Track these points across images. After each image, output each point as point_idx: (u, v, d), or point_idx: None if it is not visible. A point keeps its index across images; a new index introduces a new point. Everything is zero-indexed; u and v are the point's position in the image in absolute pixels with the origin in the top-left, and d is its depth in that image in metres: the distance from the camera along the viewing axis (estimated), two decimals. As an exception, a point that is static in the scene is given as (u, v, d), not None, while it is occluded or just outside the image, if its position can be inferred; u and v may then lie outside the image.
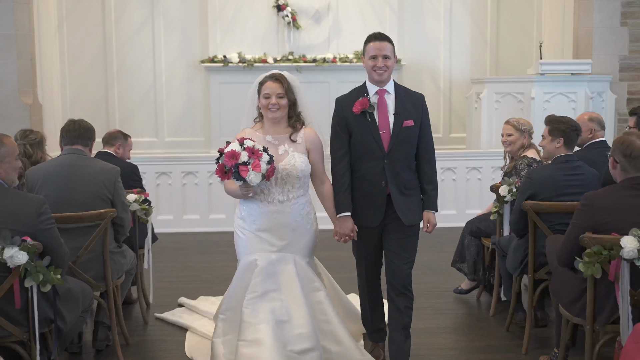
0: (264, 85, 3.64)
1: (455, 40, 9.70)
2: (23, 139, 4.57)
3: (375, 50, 3.62)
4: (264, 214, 3.65)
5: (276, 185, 3.65)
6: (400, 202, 3.62)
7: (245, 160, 3.38)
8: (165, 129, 9.61)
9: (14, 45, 7.83)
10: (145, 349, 4.32)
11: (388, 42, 3.66)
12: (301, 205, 3.71)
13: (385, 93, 3.66)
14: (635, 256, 3.02)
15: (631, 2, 8.07)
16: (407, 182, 3.65)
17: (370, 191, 3.64)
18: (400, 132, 3.59)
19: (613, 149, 3.25)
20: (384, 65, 3.61)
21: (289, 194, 3.68)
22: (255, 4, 9.31)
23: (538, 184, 4.06)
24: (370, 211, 3.67)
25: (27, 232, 3.09)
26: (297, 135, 3.68)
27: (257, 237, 3.67)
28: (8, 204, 3.12)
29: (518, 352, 4.14)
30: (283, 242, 3.67)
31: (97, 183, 3.97)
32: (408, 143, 3.63)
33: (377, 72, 3.61)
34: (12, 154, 3.29)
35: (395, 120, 3.60)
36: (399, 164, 3.62)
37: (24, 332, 3.16)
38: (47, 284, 3.12)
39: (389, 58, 3.63)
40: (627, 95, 8.18)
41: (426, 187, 3.71)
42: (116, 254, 4.07)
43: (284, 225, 3.67)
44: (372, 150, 3.60)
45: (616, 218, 3.13)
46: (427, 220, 3.71)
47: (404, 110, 3.62)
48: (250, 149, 3.41)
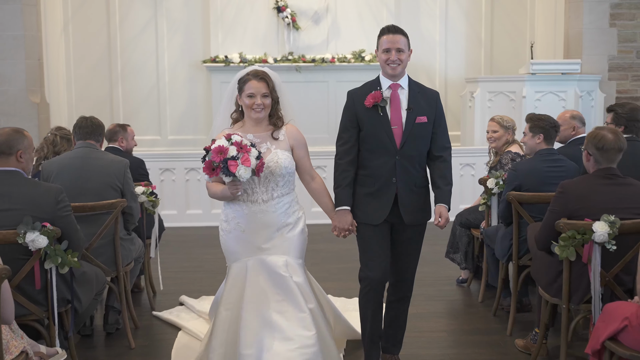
0: (248, 84, 3.47)
1: (451, 41, 9.97)
2: (57, 131, 4.88)
3: (389, 43, 3.49)
4: (248, 215, 3.50)
5: (260, 185, 3.50)
6: (406, 201, 3.52)
7: (234, 155, 3.26)
8: (168, 127, 9.87)
9: (22, 46, 8.10)
10: (153, 332, 4.58)
11: (402, 35, 3.54)
12: (286, 204, 3.55)
13: (399, 88, 3.55)
14: (606, 240, 3.29)
15: (619, 4, 8.33)
16: (417, 180, 3.56)
17: (380, 188, 3.52)
18: (413, 128, 3.49)
19: (586, 142, 3.51)
20: (397, 59, 3.49)
21: (273, 193, 3.52)
22: (256, 5, 9.55)
23: (523, 176, 4.33)
24: (376, 208, 3.55)
25: (47, 218, 3.36)
26: (279, 132, 3.55)
27: (243, 240, 3.53)
28: (29, 193, 3.38)
29: (503, 334, 4.41)
30: (269, 244, 3.51)
31: (108, 174, 4.24)
32: (420, 140, 3.53)
33: (391, 66, 3.49)
34: (31, 147, 3.55)
35: (408, 115, 3.50)
36: (410, 160, 3.52)
37: (43, 311, 3.43)
38: (65, 267, 3.39)
39: (403, 51, 3.50)
40: (615, 94, 8.43)
41: (439, 181, 3.58)
42: (126, 241, 4.34)
43: (269, 225, 3.52)
44: (383, 145, 3.49)
45: (589, 205, 3.40)
46: (439, 213, 3.54)
47: (417, 106, 3.52)
48: (238, 144, 3.28)
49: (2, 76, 8.09)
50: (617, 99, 8.40)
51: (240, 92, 3.52)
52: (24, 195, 3.36)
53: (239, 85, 3.52)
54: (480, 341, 4.32)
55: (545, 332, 3.87)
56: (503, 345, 4.25)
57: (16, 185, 3.37)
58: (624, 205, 3.36)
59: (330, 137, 8.85)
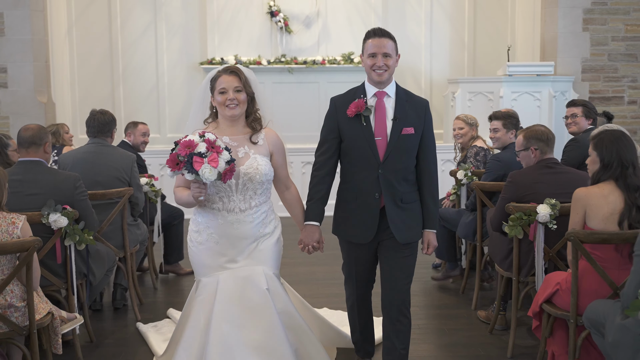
0: (219, 80, 3.26)
1: (436, 44, 10.50)
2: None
3: (375, 48, 3.25)
4: (224, 225, 3.25)
5: (237, 192, 3.25)
6: (395, 217, 3.27)
7: (201, 152, 2.97)
8: (167, 126, 10.37)
9: (30, 49, 8.61)
10: (156, 308, 5.10)
11: (389, 38, 3.29)
12: (263, 214, 3.33)
13: (385, 96, 3.31)
14: (548, 220, 3.82)
15: (592, 10, 8.87)
16: (404, 195, 3.30)
17: (362, 204, 3.29)
18: (398, 139, 3.24)
19: (528, 140, 4.05)
20: (384, 65, 3.25)
21: (251, 202, 3.28)
22: (251, 10, 10.04)
23: (507, 166, 4.81)
24: (361, 226, 3.31)
25: (66, 201, 3.89)
26: (257, 136, 3.32)
27: (217, 252, 3.28)
28: (51, 179, 3.91)
29: (468, 308, 4.95)
30: (244, 255, 3.29)
31: (116, 168, 4.77)
32: (406, 152, 3.27)
33: (377, 72, 3.25)
34: (51, 141, 4.08)
35: (394, 126, 3.25)
36: (395, 174, 3.26)
37: (63, 282, 3.95)
38: (82, 244, 3.92)
39: (390, 56, 3.26)
40: (588, 94, 8.97)
41: (427, 201, 3.35)
42: (132, 226, 4.87)
43: (246, 236, 3.28)
44: (365, 158, 3.25)
45: (534, 191, 3.94)
46: (427, 241, 3.38)
47: (404, 115, 3.27)
48: (210, 142, 3.01)
49: (12, 77, 8.60)
50: (590, 98, 8.93)
51: (212, 91, 3.30)
52: (47, 181, 3.89)
53: (211, 85, 3.30)
54: (447, 314, 4.87)
55: (501, 304, 4.42)
56: (467, 317, 4.80)
57: (41, 173, 3.90)
58: (563, 191, 3.90)
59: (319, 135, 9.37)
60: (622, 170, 3.35)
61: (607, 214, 3.33)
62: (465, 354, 4.14)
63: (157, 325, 4.54)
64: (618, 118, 8.76)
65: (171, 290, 5.54)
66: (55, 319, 3.49)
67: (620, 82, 8.99)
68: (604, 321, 2.95)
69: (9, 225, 3.31)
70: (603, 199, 3.35)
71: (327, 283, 5.57)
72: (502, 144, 5.12)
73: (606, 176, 3.38)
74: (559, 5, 8.84)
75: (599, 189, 3.38)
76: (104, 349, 4.30)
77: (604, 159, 3.38)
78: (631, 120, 8.99)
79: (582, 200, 3.39)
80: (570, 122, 5.36)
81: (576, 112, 5.30)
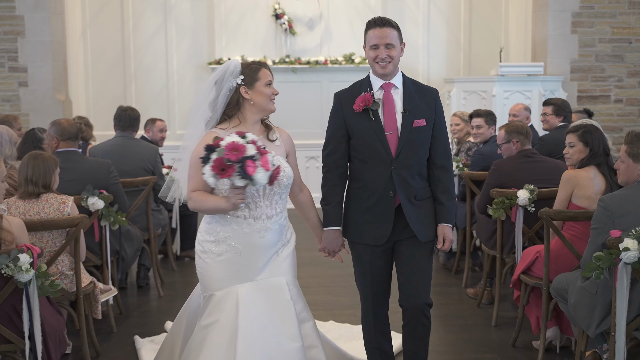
0: (263, 71, 3.05)
1: (433, 45, 10.98)
2: (80, 120, 6.01)
3: (376, 39, 3.05)
4: (249, 234, 2.97)
5: (264, 198, 2.99)
6: (412, 215, 3.08)
7: (252, 155, 2.71)
8: (177, 123, 10.85)
9: (50, 50, 9.11)
10: (175, 287, 5.63)
11: (392, 27, 3.09)
12: (285, 219, 3.13)
13: (392, 87, 3.12)
14: (527, 203, 4.33)
15: (580, 14, 9.37)
16: (418, 192, 3.11)
17: (376, 203, 3.09)
18: (410, 133, 3.06)
19: (509, 134, 4.59)
20: (387, 56, 3.05)
21: (277, 207, 3.04)
22: (256, 13, 10.50)
23: (488, 158, 5.27)
24: (375, 227, 3.12)
25: (102, 186, 4.40)
26: (273, 134, 3.11)
27: (237, 264, 2.99)
28: (88, 167, 4.44)
29: (459, 286, 5.47)
30: (268, 265, 3.05)
31: (141, 159, 5.30)
32: (419, 146, 3.09)
33: (380, 65, 3.06)
34: None
35: (404, 119, 3.07)
36: (408, 170, 3.08)
37: (99, 258, 4.47)
38: (116, 224, 4.43)
39: (394, 47, 3.06)
40: (577, 93, 9.48)
41: (441, 196, 3.14)
42: (155, 211, 5.40)
43: (271, 245, 3.04)
44: (377, 154, 3.06)
45: (515, 178, 4.47)
46: (443, 234, 3.14)
47: (414, 107, 3.08)
48: (255, 143, 2.76)
49: (32, 77, 9.11)
50: (578, 97, 9.46)
51: (252, 82, 3.01)
52: (84, 168, 4.42)
53: (250, 76, 3.02)
54: (440, 291, 5.38)
55: (487, 280, 4.93)
56: (458, 294, 5.32)
57: (78, 162, 4.42)
58: (540, 178, 4.43)
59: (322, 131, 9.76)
60: (604, 157, 3.88)
61: (592, 194, 3.86)
62: (454, 323, 4.66)
63: (154, 339, 4.26)
64: (605, 116, 9.30)
65: (187, 271, 6.08)
66: (96, 287, 4.01)
67: (607, 81, 9.49)
68: (567, 287, 3.47)
69: (60, 204, 3.83)
70: (590, 181, 3.88)
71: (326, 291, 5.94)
72: (483, 138, 5.66)
73: (593, 162, 3.90)
74: (549, 9, 9.35)
75: (586, 172, 3.91)
76: (132, 320, 4.82)
77: (593, 148, 3.90)
78: (617, 117, 9.50)
79: (572, 181, 3.91)
80: (543, 120, 5.85)
81: (547, 111, 5.78)
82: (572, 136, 4.00)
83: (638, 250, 2.96)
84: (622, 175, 3.38)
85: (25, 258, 2.94)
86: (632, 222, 3.12)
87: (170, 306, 5.09)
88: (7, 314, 2.97)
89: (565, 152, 4.06)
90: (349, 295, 5.13)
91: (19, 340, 3.09)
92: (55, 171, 3.82)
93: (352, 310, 4.76)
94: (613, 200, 3.22)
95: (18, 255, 2.94)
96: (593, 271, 3.10)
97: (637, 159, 3.29)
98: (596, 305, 3.21)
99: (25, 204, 3.79)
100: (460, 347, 4.27)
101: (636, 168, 3.29)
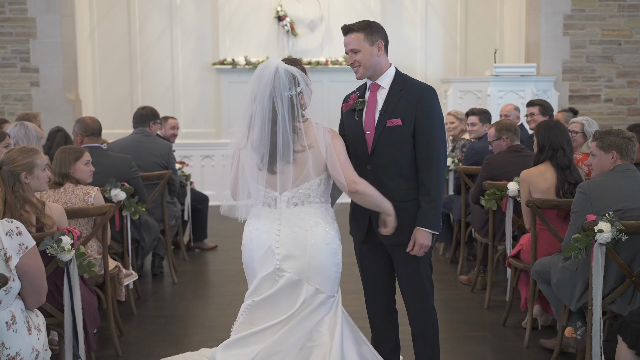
0: None
1: (430, 46, 11.33)
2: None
3: (345, 47, 3.15)
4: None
5: None
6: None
7: None
8: (182, 122, 11.15)
9: (60, 51, 9.45)
10: (187, 275, 5.98)
11: (354, 32, 3.10)
12: None
13: (378, 88, 3.16)
14: (516, 194, 4.69)
15: (571, 16, 9.74)
16: (397, 193, 3.06)
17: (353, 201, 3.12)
18: (382, 132, 3.07)
19: (499, 131, 4.96)
20: (354, 61, 3.10)
21: None
22: (259, 14, 10.83)
23: (480, 153, 5.65)
24: (355, 223, 3.23)
25: (124, 178, 4.75)
26: None
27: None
28: (110, 162, 4.79)
29: (455, 274, 5.84)
30: None
31: (156, 155, 5.65)
32: (394, 145, 3.07)
33: (354, 70, 3.14)
34: None
35: (379, 118, 3.09)
36: (384, 169, 3.08)
37: (120, 246, 4.82)
38: (136, 214, 4.78)
39: (359, 51, 3.07)
40: (569, 93, 9.84)
41: (420, 199, 3.07)
42: (170, 203, 5.76)
43: None
44: (357, 153, 3.13)
45: (505, 171, 4.83)
46: (413, 239, 3.06)
47: (392, 106, 3.08)
48: None
49: (43, 77, 9.45)
50: (570, 97, 9.83)
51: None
52: (107, 162, 4.77)
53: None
54: (436, 279, 5.64)
55: (481, 267, 5.30)
56: (453, 281, 5.68)
57: (101, 156, 4.77)
58: (529, 170, 4.79)
59: (324, 129, 10.23)
60: (553, 152, 4.22)
61: (544, 188, 4.22)
62: (450, 306, 5.02)
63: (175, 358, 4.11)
64: (595, 115, 9.65)
65: (198, 261, 6.45)
66: (121, 271, 4.36)
67: (597, 82, 9.86)
68: (549, 269, 3.83)
69: (85, 194, 4.18)
70: (541, 177, 4.24)
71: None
72: (477, 135, 6.03)
73: (542, 158, 4.25)
74: (541, 11, 9.71)
75: (537, 169, 4.28)
76: (150, 304, 5.18)
77: (539, 144, 4.27)
78: (607, 116, 9.87)
79: (525, 180, 4.30)
80: (530, 120, 6.20)
81: (534, 111, 6.14)
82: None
83: (611, 232, 3.33)
84: (596, 167, 3.72)
85: (67, 240, 3.29)
86: (608, 204, 3.50)
87: (183, 291, 5.47)
88: (50, 290, 3.30)
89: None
90: (352, 282, 5.49)
91: (60, 314, 3.44)
92: (75, 162, 4.16)
93: (355, 295, 5.11)
94: (590, 185, 3.60)
95: (61, 237, 3.29)
96: (572, 251, 3.47)
97: (607, 150, 3.65)
98: (577, 282, 3.59)
99: (55, 194, 4.15)
100: (455, 326, 4.64)
101: (608, 158, 3.66)
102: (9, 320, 2.78)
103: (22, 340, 2.82)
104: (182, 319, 4.85)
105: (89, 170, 4.23)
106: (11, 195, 3.35)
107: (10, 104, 9.41)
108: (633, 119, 9.66)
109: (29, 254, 2.82)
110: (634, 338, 3.08)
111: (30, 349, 2.85)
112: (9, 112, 9.33)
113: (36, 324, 2.96)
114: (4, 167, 3.37)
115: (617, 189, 3.54)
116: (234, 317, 3.11)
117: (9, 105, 9.41)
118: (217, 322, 4.74)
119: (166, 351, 4.23)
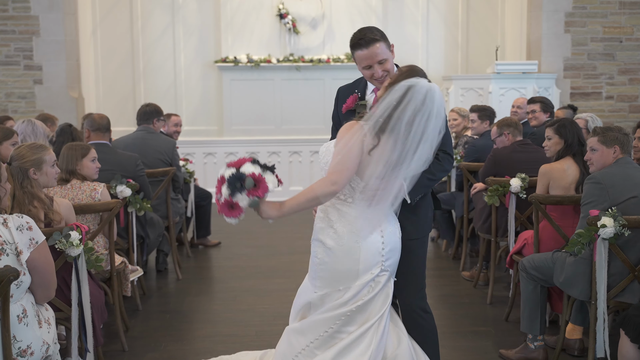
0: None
1: (431, 43, 11.36)
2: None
3: (368, 60, 3.04)
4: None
5: None
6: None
7: None
8: (185, 119, 11.15)
9: (64, 49, 9.48)
10: (191, 271, 6.02)
11: (378, 41, 3.02)
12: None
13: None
14: (519, 190, 4.72)
15: (572, 14, 9.76)
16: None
17: None
18: None
19: (500, 128, 5.01)
20: (383, 72, 3.04)
21: None
22: (261, 12, 10.85)
23: (480, 150, 5.73)
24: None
25: (129, 176, 4.79)
26: None
27: None
28: (117, 159, 4.83)
29: (457, 270, 5.87)
30: None
31: (160, 152, 5.68)
32: None
33: (379, 81, 3.06)
34: None
35: None
36: None
37: (125, 242, 4.85)
38: (142, 211, 4.81)
39: (387, 60, 3.02)
40: (570, 90, 9.87)
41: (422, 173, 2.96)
42: (174, 200, 5.79)
43: None
44: None
45: (508, 167, 4.86)
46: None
47: None
48: None
49: (46, 75, 9.48)
50: (571, 94, 9.86)
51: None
52: (113, 160, 4.80)
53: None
54: (439, 274, 5.78)
55: (483, 263, 5.33)
56: (456, 276, 5.72)
57: (108, 153, 4.80)
58: (532, 166, 4.81)
59: (325, 127, 10.25)
60: (579, 147, 4.27)
61: (567, 184, 4.23)
62: (453, 302, 5.06)
63: None
64: (596, 112, 9.67)
65: (201, 257, 6.49)
66: (127, 267, 4.39)
67: (598, 79, 9.89)
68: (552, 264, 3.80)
69: (91, 191, 4.21)
70: (563, 173, 4.25)
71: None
72: (477, 132, 6.07)
73: (568, 152, 4.28)
74: (543, 9, 9.74)
75: (560, 165, 4.28)
76: (154, 300, 5.22)
77: (567, 140, 4.28)
78: (608, 113, 9.89)
79: (546, 174, 4.29)
80: (531, 117, 6.23)
81: (535, 108, 6.18)
82: (549, 130, 4.39)
83: (614, 227, 3.36)
84: (597, 162, 3.75)
85: (75, 235, 3.33)
86: (623, 190, 3.56)
87: (188, 287, 5.50)
88: (58, 285, 3.33)
89: (545, 145, 4.45)
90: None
91: (68, 308, 3.48)
92: (82, 158, 4.19)
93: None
94: (602, 175, 3.65)
95: (69, 232, 3.32)
96: (575, 246, 3.50)
97: (609, 144, 3.70)
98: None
99: (62, 190, 4.18)
100: (458, 321, 4.67)
101: (610, 153, 3.71)
102: (20, 314, 2.81)
103: (33, 333, 2.85)
104: (187, 314, 4.89)
105: (95, 167, 4.27)
106: (20, 191, 3.38)
107: (13, 101, 9.44)
108: (634, 116, 9.70)
109: (39, 248, 2.86)
110: (636, 332, 3.12)
111: (41, 342, 2.89)
112: (12, 110, 9.37)
113: (46, 318, 2.99)
114: (13, 163, 3.40)
115: (627, 177, 3.62)
116: (238, 312, 3.16)
117: (12, 103, 9.44)
118: (221, 317, 4.78)
119: (172, 346, 4.27)
